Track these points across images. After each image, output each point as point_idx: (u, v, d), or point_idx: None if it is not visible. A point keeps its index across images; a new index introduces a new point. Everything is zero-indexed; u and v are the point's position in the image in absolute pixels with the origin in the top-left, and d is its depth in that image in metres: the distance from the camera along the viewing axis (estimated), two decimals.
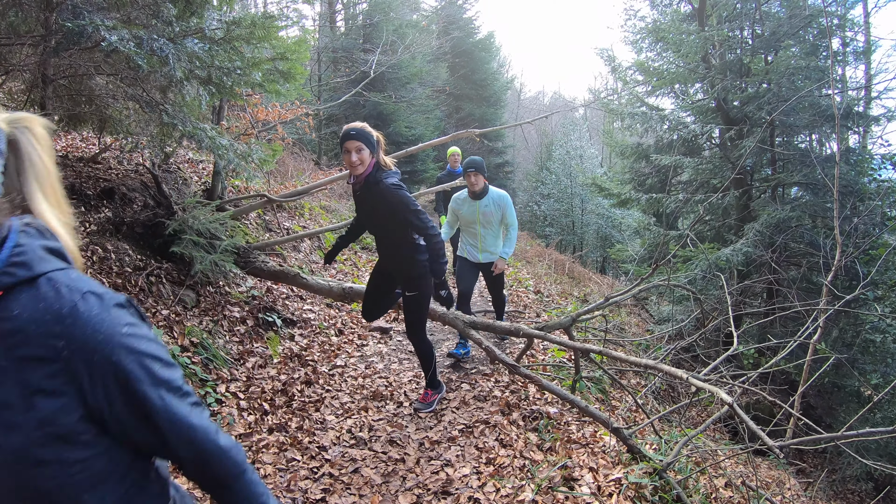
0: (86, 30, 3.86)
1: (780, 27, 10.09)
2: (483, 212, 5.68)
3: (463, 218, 5.82)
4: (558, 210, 24.47)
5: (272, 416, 4.56)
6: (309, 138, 16.63)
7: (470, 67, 26.27)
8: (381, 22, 18.45)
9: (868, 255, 8.36)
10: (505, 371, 5.59)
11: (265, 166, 6.23)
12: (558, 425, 4.54)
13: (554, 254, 16.07)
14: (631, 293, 6.03)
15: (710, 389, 3.48)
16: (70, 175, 5.72)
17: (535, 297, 9.62)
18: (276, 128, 10.06)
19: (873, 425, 7.99)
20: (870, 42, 11.69)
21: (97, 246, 4.83)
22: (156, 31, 4.42)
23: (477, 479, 3.75)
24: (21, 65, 5.05)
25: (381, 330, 6.94)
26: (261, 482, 1.31)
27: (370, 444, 4.27)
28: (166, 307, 4.90)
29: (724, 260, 9.16)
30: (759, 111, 9.74)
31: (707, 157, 11.73)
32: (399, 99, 18.74)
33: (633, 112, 12.53)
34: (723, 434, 7.53)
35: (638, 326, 10.88)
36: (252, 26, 4.98)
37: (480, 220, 5.72)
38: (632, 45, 12.81)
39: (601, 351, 4.58)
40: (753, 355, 8.47)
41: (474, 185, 5.65)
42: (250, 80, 5.25)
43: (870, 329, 8.81)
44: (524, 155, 37.34)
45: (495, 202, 5.69)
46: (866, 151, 10.50)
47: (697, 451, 4.50)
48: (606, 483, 3.58)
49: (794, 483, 6.01)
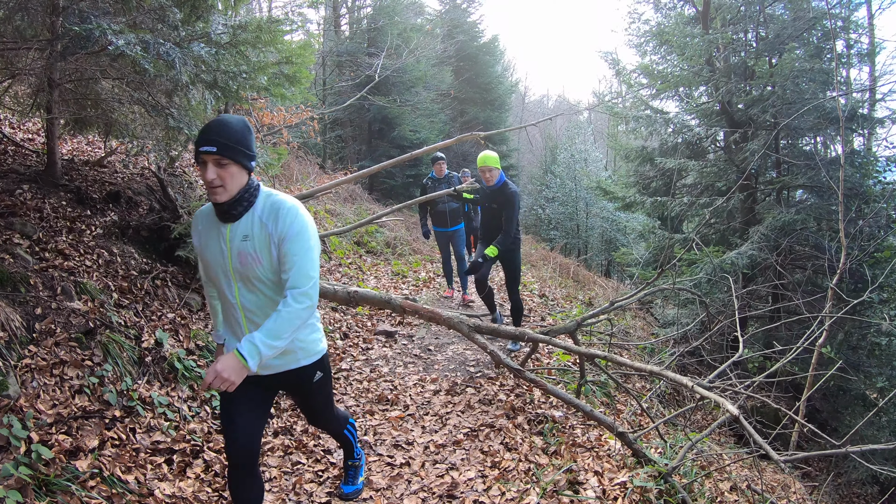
0: (93, 34, 3.88)
1: (784, 30, 10.06)
2: None
3: None
4: (563, 213, 24.47)
5: (277, 419, 4.56)
6: (314, 142, 16.66)
7: (474, 71, 26.28)
8: (385, 26, 18.50)
9: (874, 258, 8.33)
10: (510, 375, 5.59)
11: (270, 170, 6.25)
12: (563, 429, 4.53)
13: (559, 257, 16.09)
14: (636, 297, 6.03)
15: (715, 399, 3.48)
16: (76, 178, 5.75)
17: (540, 300, 9.62)
18: (282, 132, 10.11)
19: (879, 429, 7.95)
20: (874, 44, 11.65)
21: (103, 249, 4.85)
22: (162, 35, 4.44)
23: (482, 483, 3.75)
24: (27, 69, 5.08)
25: (386, 334, 6.95)
26: None
27: (375, 447, 4.28)
28: (172, 310, 4.91)
29: (730, 263, 9.13)
30: (763, 114, 9.72)
31: (712, 161, 11.71)
32: (404, 103, 18.77)
33: (637, 115, 12.50)
34: (728, 438, 7.50)
35: (643, 330, 10.85)
36: (258, 30, 5.00)
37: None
38: (636, 48, 12.80)
39: (606, 356, 4.58)
40: (759, 359, 8.43)
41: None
42: (256, 85, 5.26)
43: (875, 332, 8.77)
44: (529, 158, 37.35)
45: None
46: (871, 154, 10.46)
47: (703, 455, 4.49)
48: (611, 487, 3.57)
49: (800, 487, 5.99)
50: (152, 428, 3.74)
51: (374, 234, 11.97)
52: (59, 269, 4.25)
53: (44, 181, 5.29)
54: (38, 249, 4.39)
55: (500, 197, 5.99)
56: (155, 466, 3.43)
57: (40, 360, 3.46)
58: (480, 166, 6.02)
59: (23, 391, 3.23)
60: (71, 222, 4.96)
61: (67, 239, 4.70)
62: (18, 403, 3.15)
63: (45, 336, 3.63)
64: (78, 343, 3.76)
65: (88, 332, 3.87)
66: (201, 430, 4.01)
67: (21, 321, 3.56)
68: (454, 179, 8.19)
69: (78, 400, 3.48)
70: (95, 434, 3.32)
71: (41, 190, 5.14)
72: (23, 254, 4.16)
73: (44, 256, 4.35)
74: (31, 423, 3.08)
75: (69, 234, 4.80)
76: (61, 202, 5.16)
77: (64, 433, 3.20)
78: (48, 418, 3.20)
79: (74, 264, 4.44)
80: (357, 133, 20.56)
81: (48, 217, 4.85)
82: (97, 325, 3.96)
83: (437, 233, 8.60)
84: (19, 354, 3.39)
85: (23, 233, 4.41)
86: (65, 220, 4.93)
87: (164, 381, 4.21)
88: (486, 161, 5.96)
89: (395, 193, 19.48)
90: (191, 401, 4.27)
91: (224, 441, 2.85)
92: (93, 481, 3.03)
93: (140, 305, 4.63)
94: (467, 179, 9.07)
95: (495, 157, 6.02)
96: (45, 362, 3.47)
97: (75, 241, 4.75)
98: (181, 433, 3.85)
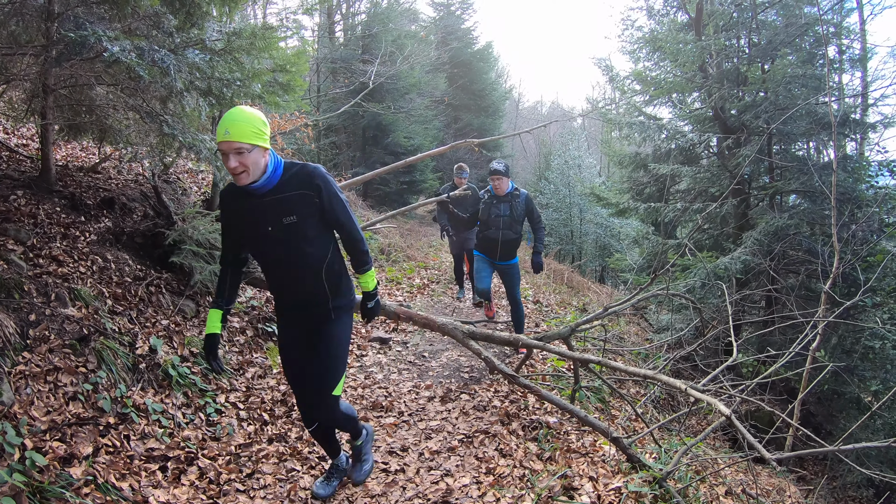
0: (88, 40, 3.88)
1: (777, 36, 10.12)
2: None
3: None
4: (557, 219, 24.47)
5: (272, 426, 4.55)
6: (308, 148, 16.69)
7: (468, 78, 26.38)
8: (379, 33, 18.54)
9: (866, 262, 8.36)
10: (504, 381, 5.59)
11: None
12: (558, 435, 4.53)
13: (552, 263, 16.06)
14: (630, 303, 6.04)
15: (708, 401, 3.48)
16: (70, 184, 5.74)
17: (534, 306, 9.63)
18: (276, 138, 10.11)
19: (873, 432, 7.97)
20: (866, 49, 11.75)
21: (97, 256, 4.84)
22: (157, 41, 4.45)
23: (477, 489, 3.74)
24: (22, 74, 5.07)
25: (380, 340, 6.94)
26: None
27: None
28: (166, 317, 4.90)
29: (723, 268, 9.15)
30: (756, 120, 9.77)
31: (705, 166, 11.74)
32: (398, 109, 18.81)
33: (630, 121, 12.55)
34: (723, 442, 7.51)
35: (637, 335, 10.86)
36: (252, 37, 5.02)
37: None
38: (629, 54, 12.85)
39: (600, 361, 4.58)
40: (753, 364, 8.46)
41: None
42: (250, 92, 5.27)
43: (869, 336, 8.80)
44: (523, 164, 37.44)
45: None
46: (863, 158, 10.51)
47: (697, 460, 4.49)
48: (606, 492, 3.58)
49: (795, 490, 6.00)
50: (146, 435, 3.72)
51: (368, 241, 11.90)
52: (54, 276, 4.24)
53: (38, 187, 5.28)
54: (32, 255, 4.38)
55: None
56: (149, 473, 3.42)
57: (34, 366, 3.45)
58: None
59: (17, 398, 3.22)
60: (65, 228, 4.94)
61: (61, 245, 4.69)
62: (12, 410, 3.14)
63: (39, 342, 3.62)
64: (72, 349, 3.75)
65: (82, 339, 3.86)
66: (196, 437, 4.00)
67: (15, 327, 3.55)
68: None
69: (72, 407, 3.46)
70: (89, 441, 3.31)
71: (35, 196, 5.13)
72: (17, 260, 4.15)
73: (38, 262, 4.34)
74: (25, 429, 3.07)
75: (63, 240, 4.78)
76: (55, 208, 5.14)
77: (58, 440, 3.19)
78: (42, 425, 3.19)
79: (68, 270, 4.43)
80: (351, 140, 20.58)
81: (42, 223, 4.84)
82: (91, 332, 3.95)
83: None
84: (13, 361, 3.38)
85: (17, 239, 4.40)
86: (59, 226, 4.92)
87: (159, 387, 4.20)
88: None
89: (389, 200, 19.49)
90: (185, 407, 4.26)
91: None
92: (87, 488, 3.02)
93: (134, 312, 4.62)
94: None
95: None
96: (39, 369, 3.46)
97: (69, 247, 4.74)
98: (175, 440, 3.84)
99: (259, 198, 2.87)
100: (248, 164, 2.73)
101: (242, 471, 3.82)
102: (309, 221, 2.94)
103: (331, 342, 3.17)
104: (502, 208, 6.12)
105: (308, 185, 2.91)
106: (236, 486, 3.64)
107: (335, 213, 3.01)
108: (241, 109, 2.74)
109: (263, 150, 2.81)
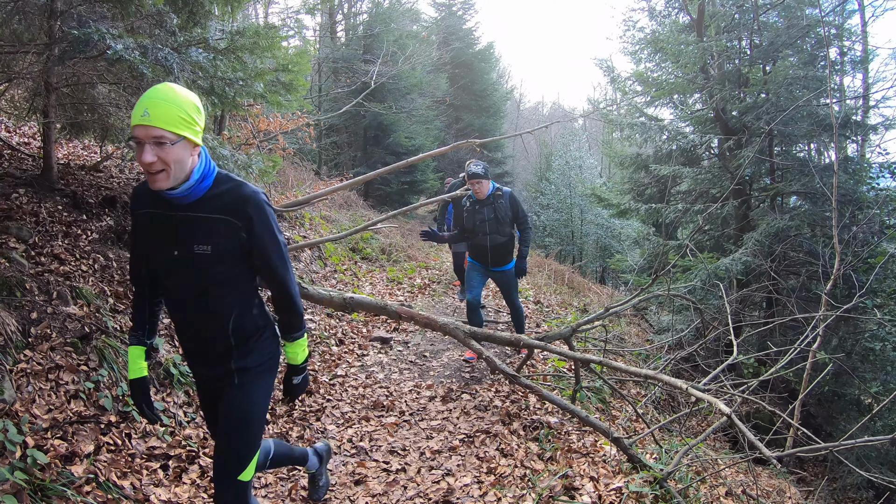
0: (92, 38, 3.89)
1: (778, 37, 10.13)
2: None
3: None
4: (558, 220, 24.46)
5: (273, 425, 4.56)
6: (309, 148, 16.69)
7: (470, 78, 26.41)
8: (381, 33, 18.56)
9: (867, 264, 8.37)
10: (505, 381, 5.59)
11: (265, 178, 6.26)
12: (559, 435, 4.53)
13: (553, 264, 16.08)
14: (631, 303, 6.04)
15: (709, 400, 3.49)
16: (72, 183, 5.74)
17: (535, 307, 9.63)
18: (278, 138, 10.11)
19: (874, 433, 7.96)
20: (867, 51, 11.75)
21: (98, 254, 4.84)
22: (160, 40, 4.46)
23: (478, 489, 3.74)
24: (24, 72, 5.08)
25: (381, 340, 6.94)
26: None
27: (371, 453, 4.27)
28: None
29: (724, 269, 9.16)
30: (757, 121, 9.77)
31: (706, 168, 11.76)
32: (399, 109, 18.84)
33: (632, 122, 12.56)
34: (723, 443, 7.52)
35: (638, 336, 10.87)
36: (256, 36, 5.03)
37: None
38: (631, 55, 12.87)
39: (601, 361, 4.59)
40: (753, 364, 8.46)
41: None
42: (252, 92, 5.28)
43: (869, 337, 8.81)
44: (524, 165, 37.44)
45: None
46: (864, 160, 10.53)
47: (698, 461, 4.49)
48: (607, 492, 3.58)
49: (795, 492, 6.00)
50: (148, 433, 3.73)
51: (370, 241, 11.97)
52: (55, 274, 4.24)
53: (40, 185, 5.28)
54: (34, 254, 4.38)
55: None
56: (150, 472, 3.42)
57: (36, 364, 3.45)
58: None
59: (18, 395, 3.22)
60: (66, 227, 4.95)
61: (63, 243, 4.69)
62: (14, 408, 3.14)
63: (40, 340, 3.62)
64: (73, 348, 3.75)
65: (84, 337, 3.86)
66: (197, 435, 4.00)
67: (17, 325, 3.55)
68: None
69: (73, 405, 3.47)
70: (91, 439, 3.31)
71: (37, 194, 5.13)
72: (18, 258, 4.15)
73: (39, 261, 4.34)
74: (27, 427, 3.08)
75: (65, 238, 4.79)
76: (57, 206, 5.15)
77: (59, 438, 3.19)
78: (43, 423, 3.19)
79: (70, 269, 4.43)
80: (352, 139, 20.59)
81: (44, 221, 4.84)
82: (93, 330, 3.95)
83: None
84: (15, 359, 3.38)
85: (18, 237, 4.40)
86: (60, 225, 4.92)
87: (160, 386, 4.21)
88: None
89: (390, 200, 19.50)
90: (186, 406, 4.26)
91: None
92: (88, 486, 3.02)
93: None
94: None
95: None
96: (41, 367, 3.46)
97: (71, 245, 4.74)
98: (177, 438, 3.85)
99: (173, 210, 2.23)
100: (170, 161, 2.08)
101: None
102: (226, 258, 2.26)
103: (231, 414, 2.40)
104: (486, 212, 5.79)
105: (236, 212, 2.23)
106: None
107: (265, 257, 2.32)
108: (169, 87, 2.11)
109: (192, 147, 2.17)
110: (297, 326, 2.49)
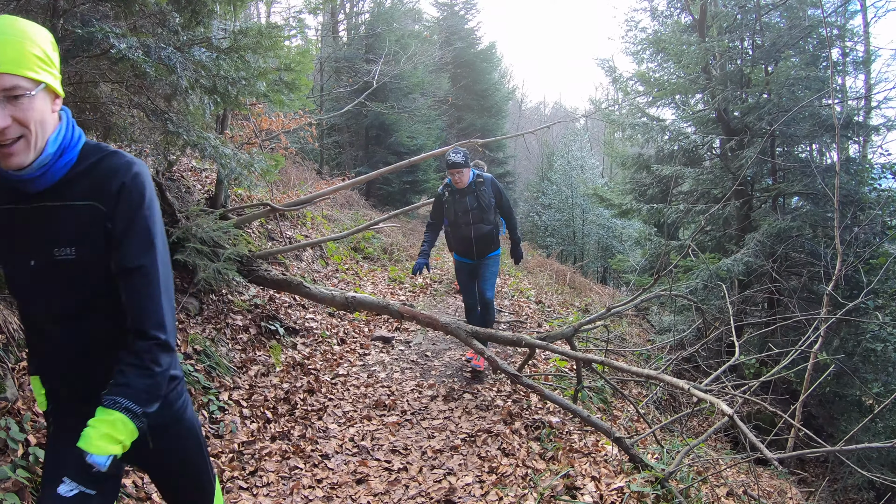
0: (95, 36, 3.89)
1: (781, 38, 10.13)
2: None
3: None
4: (559, 220, 24.48)
5: (275, 424, 4.56)
6: (311, 148, 16.67)
7: (471, 78, 26.38)
8: (383, 32, 18.54)
9: (869, 265, 8.37)
10: (507, 381, 5.60)
11: (267, 177, 6.25)
12: (560, 434, 4.54)
13: (555, 264, 16.07)
14: (632, 304, 6.04)
15: (711, 401, 3.49)
16: None
17: (537, 307, 9.63)
18: (280, 137, 10.11)
19: (875, 434, 7.97)
20: (869, 52, 11.74)
21: None
22: (163, 39, 4.45)
23: (479, 488, 3.75)
24: None
25: (383, 339, 6.95)
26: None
27: (373, 452, 4.28)
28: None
29: (725, 270, 9.16)
30: (759, 122, 9.77)
31: (708, 168, 11.76)
32: (401, 109, 18.82)
33: (633, 122, 12.56)
34: (724, 443, 7.52)
35: (639, 336, 10.87)
36: (259, 35, 5.02)
37: None
38: (632, 55, 12.88)
39: (603, 361, 4.59)
40: (755, 365, 8.46)
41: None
42: (255, 91, 5.27)
43: (871, 338, 8.80)
44: (525, 165, 37.41)
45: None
46: (866, 161, 10.53)
47: (699, 461, 4.49)
48: (608, 492, 3.58)
49: (796, 492, 6.00)
50: None
51: (371, 240, 11.97)
52: None
53: None
54: None
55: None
56: None
57: None
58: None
59: (20, 394, 3.23)
60: None
61: None
62: (16, 406, 3.14)
63: None
64: None
65: None
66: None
67: (18, 324, 3.56)
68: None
69: None
70: None
71: None
72: None
73: None
74: (29, 425, 3.08)
75: None
76: None
77: None
78: (45, 421, 3.19)
79: None
80: (354, 139, 20.58)
81: None
82: None
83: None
84: (16, 357, 3.39)
85: None
86: None
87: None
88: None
89: (392, 199, 19.49)
90: None
91: None
92: None
93: None
94: None
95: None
96: None
97: None
98: None
99: (24, 200, 1.56)
100: (30, 121, 1.45)
101: (245, 468, 3.83)
102: (93, 261, 1.57)
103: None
104: (468, 201, 5.49)
105: (101, 192, 1.55)
106: (239, 483, 3.65)
107: (126, 247, 1.56)
108: (10, 18, 1.53)
109: (52, 98, 1.55)
110: (147, 379, 1.55)
